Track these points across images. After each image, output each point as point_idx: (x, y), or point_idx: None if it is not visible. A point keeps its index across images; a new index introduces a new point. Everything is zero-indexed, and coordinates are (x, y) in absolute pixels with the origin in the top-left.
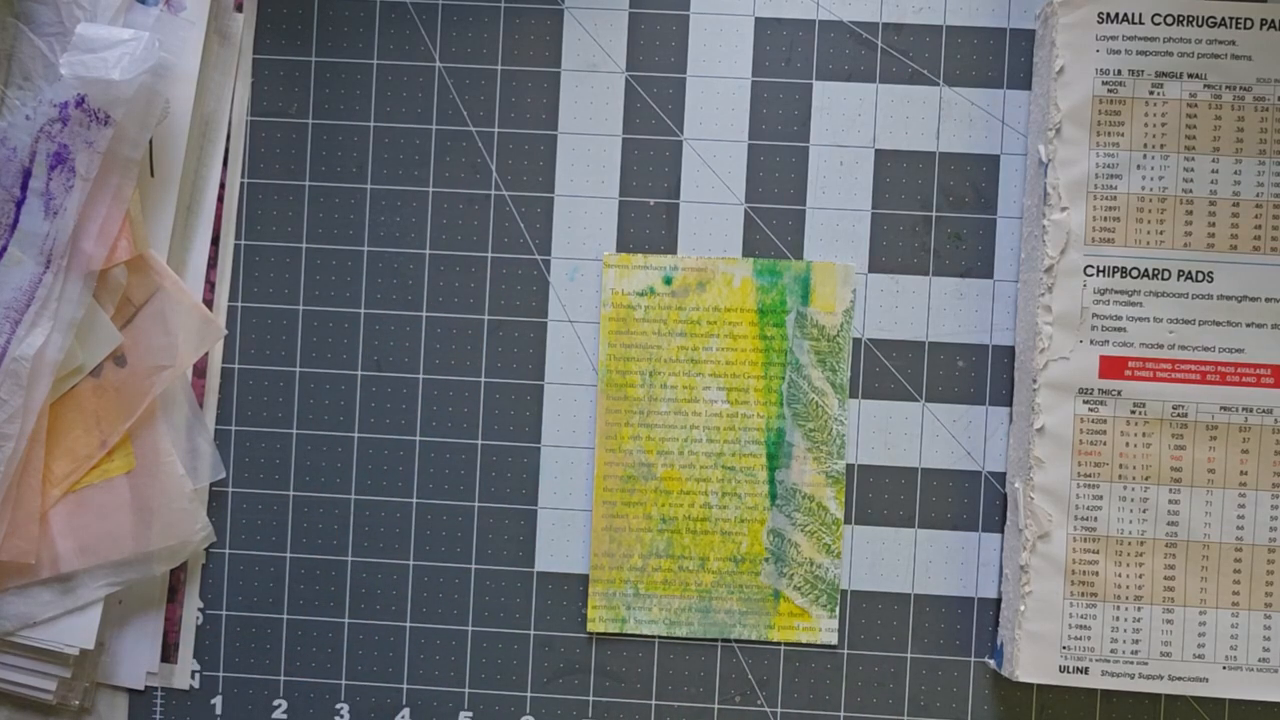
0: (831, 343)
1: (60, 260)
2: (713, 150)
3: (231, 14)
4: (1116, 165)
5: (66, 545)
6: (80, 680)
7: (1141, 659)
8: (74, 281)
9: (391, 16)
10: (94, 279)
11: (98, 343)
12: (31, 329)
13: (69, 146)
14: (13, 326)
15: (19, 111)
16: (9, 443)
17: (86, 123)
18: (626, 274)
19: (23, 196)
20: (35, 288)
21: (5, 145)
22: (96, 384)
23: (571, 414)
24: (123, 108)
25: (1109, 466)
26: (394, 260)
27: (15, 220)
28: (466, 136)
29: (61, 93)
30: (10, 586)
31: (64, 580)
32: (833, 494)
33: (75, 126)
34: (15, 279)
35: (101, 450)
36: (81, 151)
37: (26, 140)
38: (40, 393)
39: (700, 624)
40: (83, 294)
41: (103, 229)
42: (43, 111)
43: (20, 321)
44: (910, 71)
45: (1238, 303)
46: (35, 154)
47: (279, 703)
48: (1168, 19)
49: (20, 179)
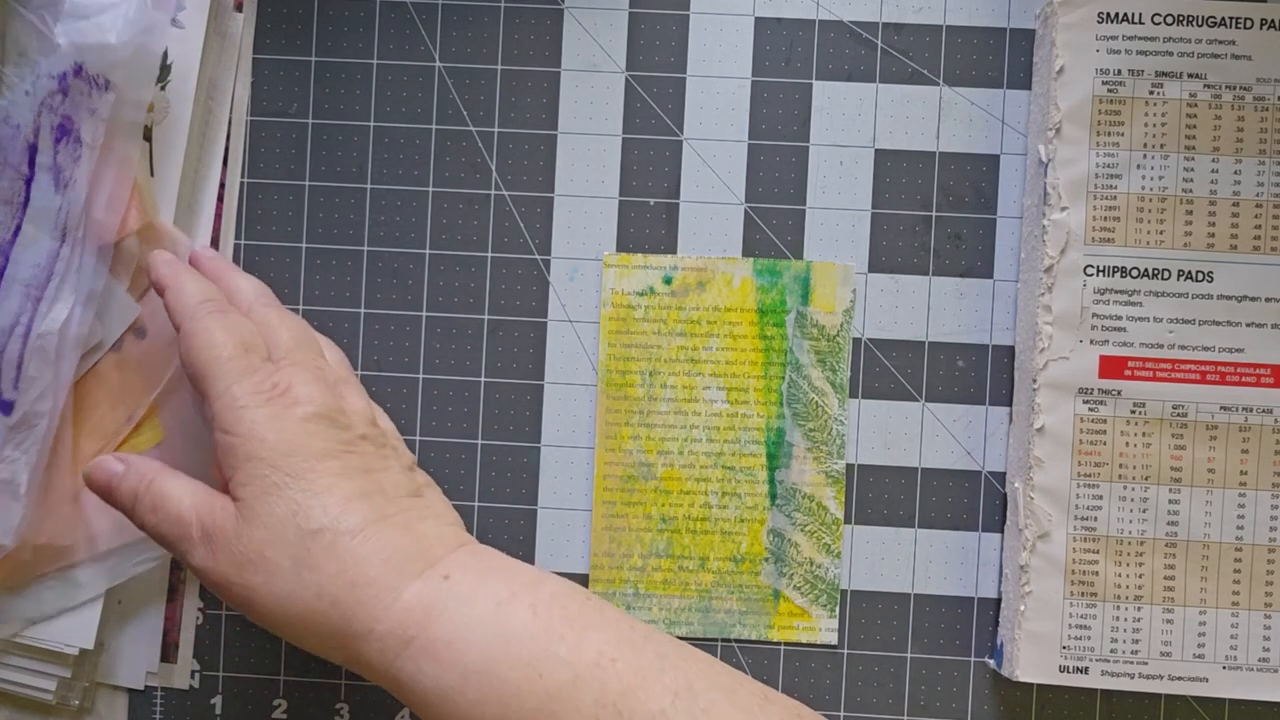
0: (831, 342)
1: (75, 233)
2: (713, 150)
3: (231, 14)
4: (1116, 165)
5: (102, 524)
6: (80, 680)
7: (1141, 659)
8: (90, 253)
9: (391, 16)
10: (110, 250)
11: (116, 316)
12: (54, 304)
13: (72, 117)
14: (35, 304)
15: (18, 88)
16: (42, 420)
17: (87, 91)
18: (626, 274)
19: (31, 173)
20: (53, 262)
21: (8, 124)
22: (118, 358)
23: (571, 414)
24: (121, 71)
25: (1109, 466)
26: (394, 260)
27: (26, 198)
28: (466, 136)
29: (58, 64)
30: (49, 571)
31: (68, 570)
32: (833, 494)
33: (76, 96)
34: (33, 256)
35: (128, 425)
36: (85, 120)
37: (29, 116)
38: (68, 367)
39: (700, 624)
40: (99, 265)
41: (112, 197)
42: (42, 85)
43: (42, 298)
44: (910, 71)
45: (1238, 303)
46: (39, 129)
47: (279, 703)
48: (1168, 19)
49: (27, 155)
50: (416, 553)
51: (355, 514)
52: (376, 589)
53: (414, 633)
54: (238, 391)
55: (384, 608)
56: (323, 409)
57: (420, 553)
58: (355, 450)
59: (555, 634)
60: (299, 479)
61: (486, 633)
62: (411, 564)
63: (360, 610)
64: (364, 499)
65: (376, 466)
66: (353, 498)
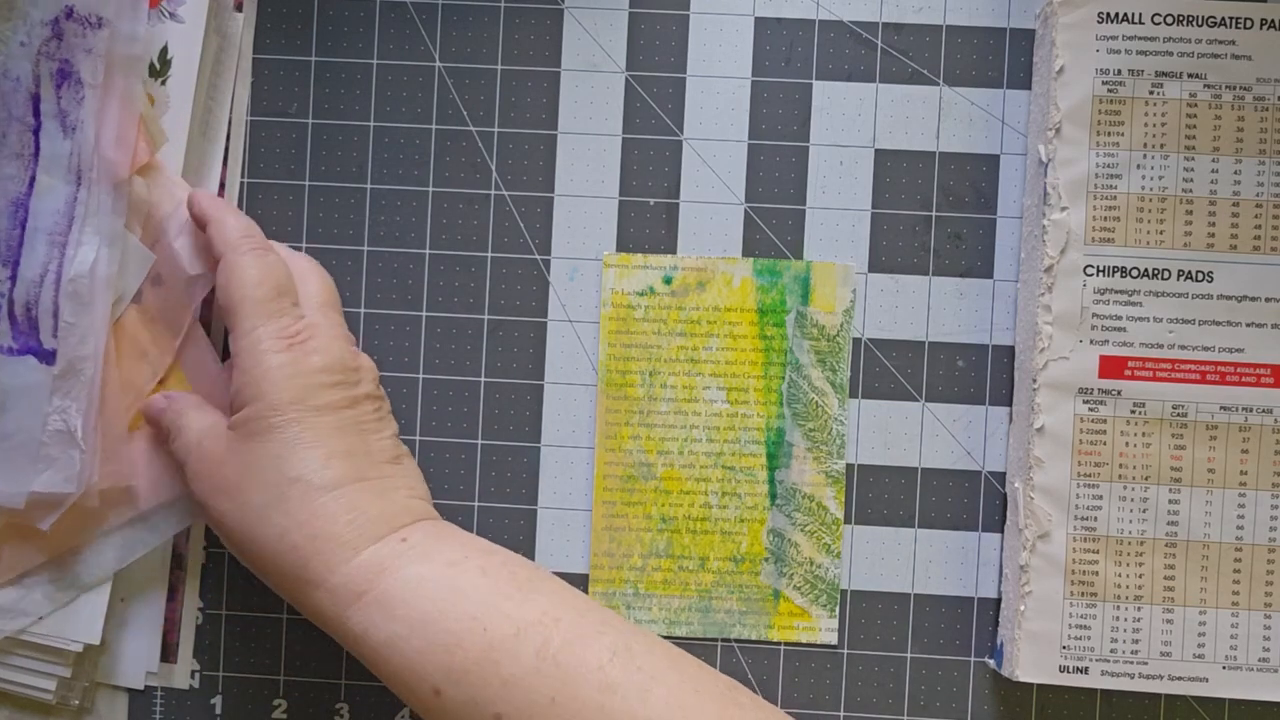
0: (831, 342)
1: (89, 174)
2: (713, 150)
3: (231, 14)
4: (1116, 165)
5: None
6: (80, 680)
7: (1141, 659)
8: (107, 192)
9: (391, 16)
10: (125, 187)
11: (133, 265)
12: (79, 247)
13: (70, 60)
14: (61, 250)
15: (12, 41)
16: (87, 364)
17: (81, 31)
18: (626, 274)
19: (38, 122)
20: (73, 206)
21: (8, 77)
22: (140, 309)
23: (571, 414)
24: (111, 5)
25: (1109, 466)
26: (394, 260)
27: (36, 148)
28: (466, 136)
29: (49, 10)
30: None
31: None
32: (833, 494)
33: (71, 38)
34: (51, 204)
35: (153, 380)
36: (83, 60)
37: (28, 66)
38: (103, 309)
39: (700, 624)
40: (117, 203)
41: (120, 133)
42: (36, 33)
43: (67, 243)
44: (910, 71)
45: (1238, 303)
46: (39, 77)
47: (279, 703)
48: (1168, 19)
49: (31, 105)
50: (381, 517)
51: (334, 470)
52: (336, 544)
53: (365, 588)
54: (261, 334)
55: (341, 561)
56: (335, 363)
57: (386, 518)
58: (356, 407)
59: (502, 593)
60: (293, 426)
61: (436, 588)
62: (374, 526)
63: (317, 560)
64: (347, 458)
65: (370, 428)
66: (336, 455)
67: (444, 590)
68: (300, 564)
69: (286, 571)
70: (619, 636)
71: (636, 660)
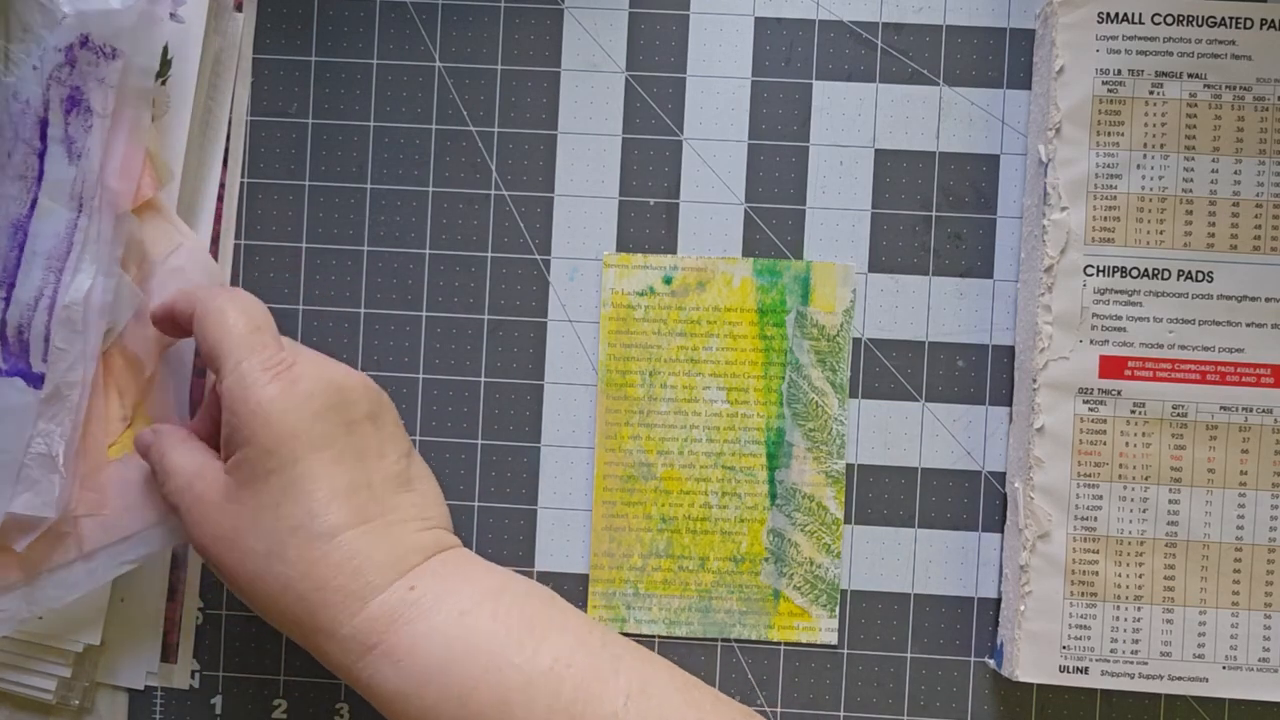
0: (831, 342)
1: (91, 202)
2: (713, 150)
3: (231, 14)
4: (1116, 165)
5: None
6: (80, 680)
7: (1141, 659)
8: (107, 222)
9: (391, 16)
10: (126, 220)
11: (122, 301)
12: (75, 274)
13: (81, 87)
14: (57, 275)
15: (25, 64)
16: (74, 391)
17: (94, 60)
18: (626, 274)
19: (44, 146)
20: (72, 232)
21: (17, 99)
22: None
23: (571, 414)
24: (126, 38)
25: (1109, 466)
26: (394, 260)
27: (41, 171)
28: (466, 136)
29: (64, 36)
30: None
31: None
32: (833, 494)
33: (84, 66)
34: (51, 228)
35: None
36: (94, 90)
37: (38, 91)
38: (95, 338)
39: (700, 623)
40: (117, 233)
41: (126, 165)
42: (49, 58)
43: (64, 269)
44: (910, 71)
45: (1238, 303)
46: (49, 102)
47: (279, 703)
48: (1168, 19)
49: (38, 130)
50: (388, 561)
51: (334, 515)
52: (342, 595)
53: (375, 641)
54: (246, 368)
55: (349, 614)
56: (322, 386)
57: (393, 562)
58: (353, 433)
59: (514, 640)
60: (289, 470)
61: (447, 641)
62: (381, 574)
63: (324, 612)
64: (350, 496)
65: (372, 453)
66: (338, 494)
67: (455, 643)
68: (307, 614)
69: (292, 620)
70: (633, 676)
71: (652, 701)
